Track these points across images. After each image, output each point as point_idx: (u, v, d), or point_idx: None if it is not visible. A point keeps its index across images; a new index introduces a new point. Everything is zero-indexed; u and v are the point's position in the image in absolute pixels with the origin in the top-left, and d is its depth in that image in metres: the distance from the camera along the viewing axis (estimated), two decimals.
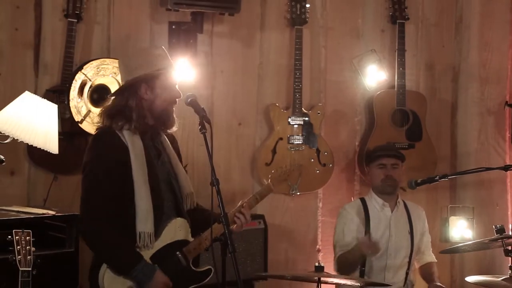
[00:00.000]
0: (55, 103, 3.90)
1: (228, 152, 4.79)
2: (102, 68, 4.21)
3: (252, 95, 4.87)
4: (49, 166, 4.20)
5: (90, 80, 4.19)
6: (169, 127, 3.39)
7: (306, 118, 4.83)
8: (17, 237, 3.12)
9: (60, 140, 3.84)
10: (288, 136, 4.82)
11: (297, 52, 4.76)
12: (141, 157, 3.27)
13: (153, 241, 3.25)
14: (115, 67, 4.18)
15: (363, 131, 5.16)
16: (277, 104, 4.83)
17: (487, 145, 5.40)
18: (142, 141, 3.30)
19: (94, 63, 4.21)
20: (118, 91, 3.38)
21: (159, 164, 3.36)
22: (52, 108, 3.82)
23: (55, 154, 3.80)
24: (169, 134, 3.47)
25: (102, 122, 3.34)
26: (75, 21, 4.19)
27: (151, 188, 3.27)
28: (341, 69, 5.11)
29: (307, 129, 4.85)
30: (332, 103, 5.08)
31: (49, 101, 3.87)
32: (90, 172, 3.25)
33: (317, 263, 4.23)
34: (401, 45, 5.04)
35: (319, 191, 5.03)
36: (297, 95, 4.78)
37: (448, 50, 5.40)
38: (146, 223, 3.23)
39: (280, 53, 4.90)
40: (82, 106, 4.19)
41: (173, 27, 4.44)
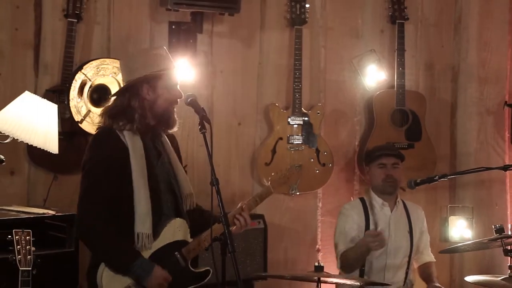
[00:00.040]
0: (55, 103, 3.91)
1: (228, 152, 4.79)
2: (102, 68, 4.21)
3: (252, 95, 4.87)
4: (49, 166, 4.20)
5: (90, 80, 4.19)
6: (170, 127, 3.39)
7: (306, 118, 4.84)
8: (17, 237, 3.12)
9: (60, 140, 3.84)
10: (288, 136, 4.82)
11: (297, 52, 4.76)
12: (141, 158, 3.26)
13: (151, 242, 3.25)
14: (115, 67, 4.18)
15: (363, 131, 5.16)
16: (277, 104, 4.83)
17: (486, 145, 5.40)
18: (143, 142, 3.30)
19: (94, 63, 4.21)
20: (120, 92, 3.38)
21: (159, 165, 3.36)
22: (52, 108, 3.82)
23: (55, 154, 3.80)
24: (170, 134, 3.47)
25: (103, 122, 3.34)
26: (75, 21, 4.19)
27: (151, 189, 3.26)
28: (341, 69, 5.11)
29: (307, 129, 4.85)
30: (332, 103, 5.08)
31: (49, 101, 3.87)
32: (90, 171, 3.25)
33: (317, 263, 4.24)
34: (401, 45, 5.04)
35: (319, 191, 5.03)
36: (297, 95, 4.78)
37: (447, 50, 5.41)
38: (145, 224, 3.23)
39: (280, 53, 4.90)
40: (82, 106, 4.19)
41: (173, 27, 4.44)
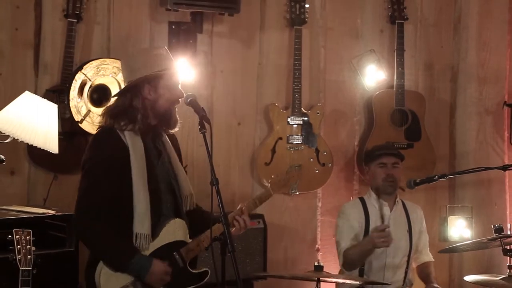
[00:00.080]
0: (55, 103, 3.91)
1: (228, 152, 4.80)
2: (102, 68, 4.22)
3: (252, 95, 4.87)
4: (49, 166, 4.20)
5: (90, 80, 4.19)
6: (172, 127, 3.38)
7: (306, 118, 4.84)
8: (17, 237, 3.13)
9: (60, 140, 3.84)
10: (288, 136, 4.82)
11: (297, 52, 4.77)
12: (141, 158, 3.26)
13: (149, 243, 3.24)
14: (115, 67, 4.19)
15: (362, 131, 5.16)
16: (277, 104, 4.84)
17: (486, 145, 5.40)
18: (143, 142, 3.29)
19: (94, 63, 4.21)
20: (121, 92, 3.37)
21: (160, 165, 3.35)
22: (52, 108, 3.82)
23: (55, 154, 3.80)
24: (170, 134, 3.46)
25: (104, 122, 3.33)
26: (75, 21, 4.20)
27: (151, 189, 3.26)
28: (340, 69, 5.11)
29: (307, 129, 4.85)
30: (331, 103, 5.09)
31: (49, 101, 3.88)
32: (90, 171, 3.25)
33: (317, 263, 4.25)
34: (400, 45, 5.05)
35: (318, 191, 5.04)
36: (297, 95, 4.79)
37: (447, 50, 5.41)
38: (143, 225, 3.22)
39: (280, 53, 4.91)
40: (82, 106, 4.20)
41: (173, 27, 4.45)
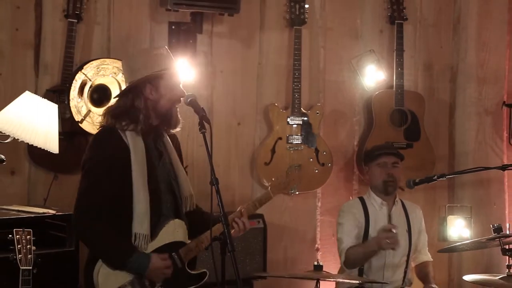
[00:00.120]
0: (55, 103, 3.91)
1: (228, 152, 4.80)
2: (102, 68, 4.22)
3: (252, 95, 4.88)
4: (50, 166, 4.21)
5: (90, 80, 4.20)
6: (173, 127, 3.38)
7: (305, 118, 4.85)
8: (18, 236, 3.14)
9: (60, 140, 3.84)
10: (287, 136, 4.83)
11: (296, 53, 4.77)
12: (142, 158, 3.26)
13: (148, 243, 3.25)
14: (115, 67, 4.19)
15: (362, 131, 5.17)
16: (276, 104, 4.84)
17: (485, 145, 5.41)
18: (144, 142, 3.29)
19: (94, 63, 4.21)
20: (123, 92, 3.37)
21: (160, 165, 3.35)
22: (52, 108, 3.82)
23: (55, 154, 3.80)
24: (171, 134, 3.46)
25: (106, 122, 3.33)
26: (75, 21, 4.20)
27: (151, 189, 3.26)
28: (340, 69, 5.12)
29: (306, 129, 4.86)
30: (331, 103, 5.09)
31: (50, 101, 3.88)
32: (90, 171, 3.25)
33: (316, 262, 4.26)
34: (400, 46, 5.05)
35: (318, 191, 5.04)
36: (296, 95, 4.80)
37: (446, 51, 5.42)
38: (143, 225, 3.23)
39: (279, 53, 4.91)
40: (82, 106, 4.20)
41: (173, 27, 4.45)
